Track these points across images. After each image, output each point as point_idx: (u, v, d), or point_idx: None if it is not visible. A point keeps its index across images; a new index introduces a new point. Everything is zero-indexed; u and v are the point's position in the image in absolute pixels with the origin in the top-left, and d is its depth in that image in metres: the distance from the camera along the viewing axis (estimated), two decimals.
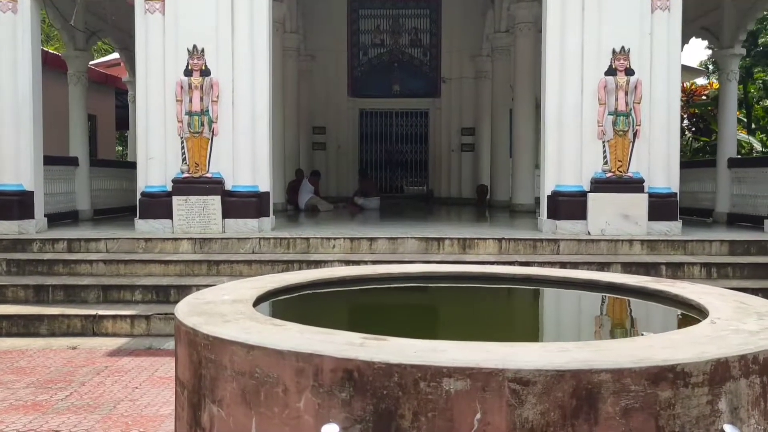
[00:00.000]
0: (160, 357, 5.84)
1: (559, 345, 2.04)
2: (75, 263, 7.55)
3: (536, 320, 3.14)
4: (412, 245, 7.99)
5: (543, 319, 3.17)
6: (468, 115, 17.95)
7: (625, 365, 1.83)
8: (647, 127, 8.27)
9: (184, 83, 8.33)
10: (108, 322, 6.63)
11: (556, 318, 3.19)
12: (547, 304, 3.60)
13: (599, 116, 8.22)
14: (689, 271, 7.52)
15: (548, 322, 3.07)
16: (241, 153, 8.50)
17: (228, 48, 8.40)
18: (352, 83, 18.30)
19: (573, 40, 8.28)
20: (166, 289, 7.11)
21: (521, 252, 7.95)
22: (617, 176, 8.28)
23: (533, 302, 3.68)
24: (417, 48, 18.28)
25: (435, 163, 18.52)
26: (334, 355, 1.90)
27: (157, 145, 8.46)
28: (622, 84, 8.14)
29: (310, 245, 8.02)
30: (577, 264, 7.53)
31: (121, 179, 12.17)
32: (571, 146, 8.36)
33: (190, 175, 8.42)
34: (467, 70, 17.70)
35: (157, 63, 8.40)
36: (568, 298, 3.66)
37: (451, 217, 12.95)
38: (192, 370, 2.34)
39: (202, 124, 8.36)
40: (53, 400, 4.61)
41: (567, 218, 8.33)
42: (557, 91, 8.40)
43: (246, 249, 8.00)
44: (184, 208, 8.35)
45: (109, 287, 7.11)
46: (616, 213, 8.24)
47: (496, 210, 14.09)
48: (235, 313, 2.51)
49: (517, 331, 2.92)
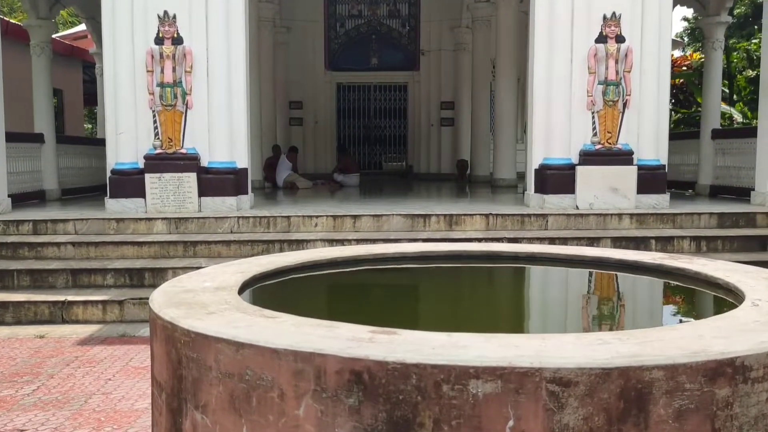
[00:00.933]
0: (134, 345, 5.53)
1: (596, 336, 1.78)
2: (41, 246, 7.15)
3: (553, 303, 2.89)
4: (397, 222, 7.72)
5: (560, 301, 2.92)
6: (447, 89, 17.65)
7: (679, 360, 1.58)
8: (637, 97, 8.06)
9: (155, 52, 7.89)
10: (78, 308, 6.29)
11: (574, 300, 2.94)
12: (559, 284, 3.36)
13: (589, 86, 7.97)
14: (679, 245, 7.38)
15: (567, 306, 2.82)
16: (217, 127, 8.12)
17: (201, 14, 7.96)
18: (329, 56, 17.86)
19: (562, 6, 7.99)
20: (140, 273, 6.77)
21: (509, 228, 7.73)
22: (606, 148, 8.06)
23: (544, 282, 3.43)
24: (395, 19, 17.86)
25: (414, 138, 18.22)
26: (340, 354, 1.63)
27: (128, 119, 8.03)
28: (612, 52, 7.88)
29: (292, 224, 7.71)
30: (566, 239, 7.36)
31: (90, 157, 11.68)
32: (559, 117, 8.12)
33: (164, 151, 8.03)
34: (446, 42, 17.35)
35: (125, 30, 7.95)
36: (579, 277, 3.41)
37: (433, 193, 12.69)
38: (171, 370, 2.05)
39: (175, 97, 7.94)
40: (19, 395, 4.28)
41: (555, 192, 8.12)
42: (545, 59, 8.12)
43: (224, 229, 7.67)
44: (158, 186, 7.96)
45: (78, 271, 6.75)
46: (605, 186, 8.04)
47: (477, 185, 13.86)
48: (219, 302, 2.22)
49: (536, 316, 2.67)
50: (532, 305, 2.90)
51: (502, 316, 2.67)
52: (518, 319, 2.62)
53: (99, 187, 10.60)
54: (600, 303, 2.89)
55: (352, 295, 3.04)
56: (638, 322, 2.56)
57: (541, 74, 8.16)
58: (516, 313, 2.75)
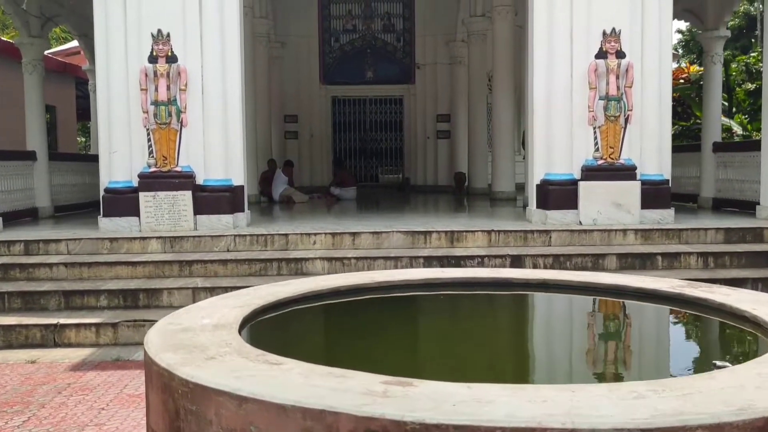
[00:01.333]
0: (128, 370, 5.36)
1: (630, 388, 1.65)
2: (33, 267, 6.98)
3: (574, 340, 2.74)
4: (397, 239, 7.58)
5: (581, 337, 2.77)
6: (443, 102, 17.60)
7: (724, 418, 1.45)
8: (639, 112, 7.96)
9: (149, 71, 7.76)
10: (71, 331, 6.12)
11: (596, 336, 2.79)
12: (577, 316, 3.21)
13: (590, 101, 7.87)
14: (686, 261, 7.27)
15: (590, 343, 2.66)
16: (212, 145, 7.98)
17: (196, 32, 7.84)
18: (324, 70, 17.79)
19: (561, 22, 7.90)
20: (135, 293, 6.61)
21: (512, 244, 7.60)
22: (609, 163, 7.95)
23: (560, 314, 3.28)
24: (390, 33, 17.83)
25: (410, 150, 18.14)
26: (353, 413, 1.49)
27: (121, 138, 7.89)
28: (613, 67, 7.79)
29: (289, 241, 7.56)
30: (570, 256, 7.24)
31: (83, 173, 11.52)
32: (560, 133, 8.01)
33: (158, 170, 7.88)
34: (442, 55, 17.32)
35: (118, 49, 7.82)
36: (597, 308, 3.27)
37: (432, 207, 12.58)
38: (167, 421, 1.90)
39: (169, 115, 7.80)
40: (8, 426, 4.11)
41: (557, 208, 8.00)
42: (545, 75, 8.03)
43: (220, 247, 7.51)
44: (152, 205, 7.81)
45: (71, 293, 6.58)
46: (608, 202, 7.93)
47: (475, 198, 13.76)
48: (219, 344, 2.07)
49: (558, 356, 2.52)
50: (551, 342, 2.76)
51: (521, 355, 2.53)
52: (539, 359, 2.48)
53: (92, 203, 10.44)
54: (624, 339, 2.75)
55: (359, 331, 2.89)
56: (668, 364, 2.42)
57: (540, 89, 8.06)
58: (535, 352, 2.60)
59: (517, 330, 3.18)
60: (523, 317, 3.46)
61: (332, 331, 3.03)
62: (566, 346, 2.78)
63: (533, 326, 3.23)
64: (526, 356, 2.55)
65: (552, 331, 2.96)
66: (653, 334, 3.00)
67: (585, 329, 2.89)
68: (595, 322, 3.10)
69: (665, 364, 2.48)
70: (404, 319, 3.34)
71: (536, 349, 2.70)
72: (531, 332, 3.12)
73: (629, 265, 7.22)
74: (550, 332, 3.00)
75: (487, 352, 2.64)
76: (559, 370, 2.41)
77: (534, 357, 2.56)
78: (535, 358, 2.54)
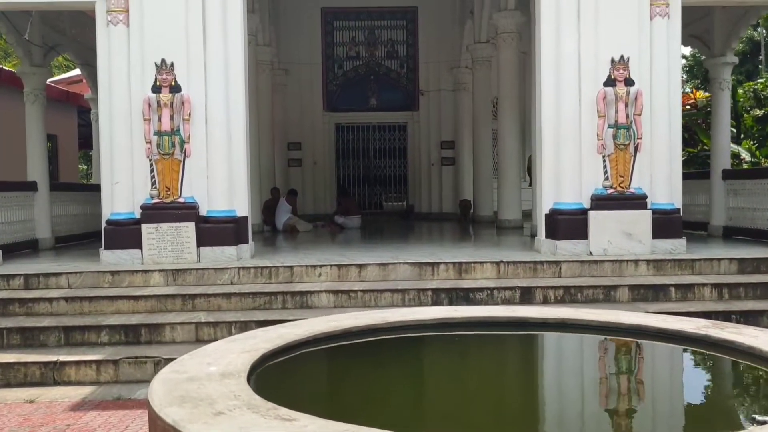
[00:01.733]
0: (130, 410, 5.19)
1: None
2: (33, 302, 6.82)
3: (603, 391, 2.56)
4: (404, 271, 7.42)
5: (609, 389, 2.59)
6: (447, 128, 17.55)
7: None
8: (648, 140, 7.86)
9: (152, 101, 7.68)
10: (71, 368, 5.94)
11: (625, 386, 2.62)
12: (599, 363, 3.04)
13: (599, 129, 7.77)
14: (700, 293, 7.10)
15: (621, 396, 2.49)
16: (216, 175, 7.86)
17: (200, 61, 7.77)
18: (327, 97, 17.78)
19: (569, 50, 7.84)
20: (136, 329, 6.44)
21: (521, 276, 7.44)
22: (619, 192, 7.83)
23: (583, 360, 3.11)
24: (394, 60, 17.84)
25: (415, 177, 18.05)
26: None
27: (124, 169, 7.77)
28: (621, 95, 7.70)
29: (294, 274, 7.40)
30: (581, 288, 7.09)
31: (84, 203, 11.39)
32: (569, 161, 7.90)
33: (161, 201, 7.75)
34: (446, 82, 17.31)
35: (121, 79, 7.74)
36: (620, 352, 3.11)
37: (438, 236, 12.42)
38: None
39: (173, 145, 7.70)
40: None
41: (567, 238, 7.85)
42: (553, 103, 7.94)
43: (224, 280, 7.35)
44: (155, 237, 7.66)
45: (71, 328, 6.41)
46: (619, 231, 7.78)
47: (481, 226, 13.61)
48: (228, 396, 1.92)
49: (588, 413, 2.34)
50: (578, 396, 2.58)
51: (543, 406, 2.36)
52: (568, 418, 2.30)
53: (94, 233, 10.29)
54: (653, 389, 2.58)
55: (372, 377, 2.73)
56: (704, 418, 2.24)
57: (549, 118, 7.97)
58: (561, 407, 2.43)
59: (537, 377, 3.01)
60: (543, 362, 3.30)
61: (345, 378, 2.87)
62: (592, 397, 2.61)
63: (555, 373, 3.06)
64: (553, 413, 2.38)
65: (575, 379, 2.80)
66: (683, 383, 2.83)
67: (609, 377, 2.72)
68: (618, 368, 2.93)
69: (701, 418, 2.31)
70: (419, 364, 3.18)
71: (563, 402, 2.53)
72: (553, 379, 2.96)
73: (642, 297, 7.05)
74: (573, 380, 2.82)
75: (506, 402, 2.48)
76: (587, 425, 2.25)
77: (562, 413, 2.38)
78: (563, 414, 2.37)
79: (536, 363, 3.30)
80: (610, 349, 3.14)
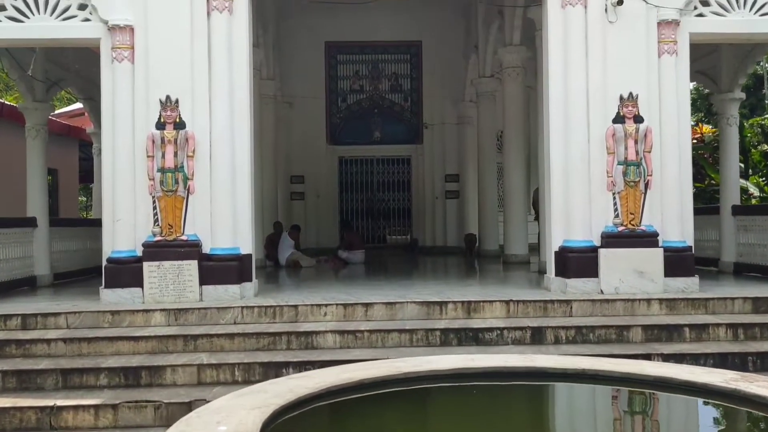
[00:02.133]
0: None
1: None
2: (30, 343, 6.63)
3: None
4: (411, 310, 7.25)
5: None
6: (452, 162, 17.49)
7: None
8: (658, 177, 7.76)
9: (156, 137, 7.59)
10: (68, 413, 5.73)
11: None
12: (624, 421, 2.87)
13: (608, 166, 7.67)
14: (714, 333, 6.92)
15: None
16: (219, 212, 7.74)
17: (205, 98, 7.70)
18: (330, 130, 17.76)
19: (577, 87, 7.78)
20: (137, 371, 6.25)
21: (531, 315, 7.27)
22: (630, 230, 7.69)
23: (609, 418, 2.94)
24: (397, 93, 17.85)
25: (419, 211, 17.93)
26: None
27: (126, 206, 7.65)
28: (631, 132, 7.62)
29: (299, 313, 7.23)
30: (593, 328, 6.91)
31: (84, 239, 11.23)
32: (578, 199, 7.78)
33: (164, 238, 7.61)
34: (450, 115, 17.29)
35: (125, 115, 7.67)
36: (646, 408, 2.93)
37: (443, 272, 12.25)
38: None
39: (176, 182, 7.59)
40: None
41: (577, 276, 7.70)
42: (562, 141, 7.86)
43: (227, 319, 7.18)
44: (157, 275, 7.51)
45: (69, 371, 6.21)
46: (630, 269, 7.63)
47: (487, 261, 13.44)
48: None
49: None
50: None
51: None
52: None
53: (94, 269, 10.12)
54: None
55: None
56: None
57: (557, 155, 7.88)
58: None
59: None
60: (565, 419, 3.12)
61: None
62: None
63: (582, 428, 2.89)
64: None
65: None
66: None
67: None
68: (646, 425, 2.76)
69: None
70: (434, 421, 3.01)
71: None
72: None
73: (656, 338, 6.87)
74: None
75: None
76: None
77: None
78: None
79: (558, 421, 3.12)
80: (635, 405, 2.96)
